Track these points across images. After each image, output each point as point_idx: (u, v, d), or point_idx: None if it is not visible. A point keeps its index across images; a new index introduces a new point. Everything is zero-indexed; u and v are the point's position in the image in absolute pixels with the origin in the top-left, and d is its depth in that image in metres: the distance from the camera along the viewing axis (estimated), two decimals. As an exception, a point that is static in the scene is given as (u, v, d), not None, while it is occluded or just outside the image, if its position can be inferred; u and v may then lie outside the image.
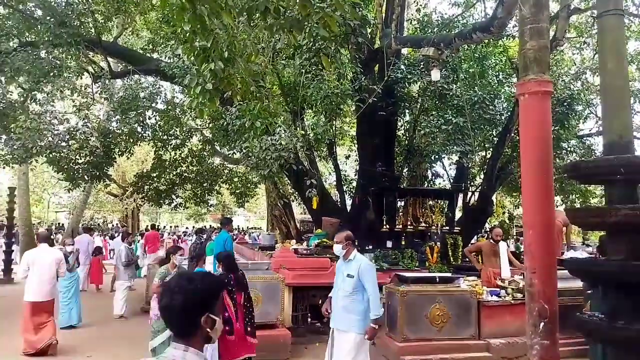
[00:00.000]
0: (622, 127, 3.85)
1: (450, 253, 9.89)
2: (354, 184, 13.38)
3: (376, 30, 11.13)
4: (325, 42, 8.42)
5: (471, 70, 11.33)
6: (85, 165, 11.77)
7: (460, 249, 9.87)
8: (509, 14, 7.22)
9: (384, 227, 10.20)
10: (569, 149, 12.33)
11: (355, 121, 12.14)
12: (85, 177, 12.29)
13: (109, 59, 13.22)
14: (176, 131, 13.46)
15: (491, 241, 7.96)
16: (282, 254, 8.47)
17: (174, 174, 14.78)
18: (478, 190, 12.26)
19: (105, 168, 12.59)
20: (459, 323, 6.33)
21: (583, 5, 12.18)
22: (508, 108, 11.14)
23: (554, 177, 5.18)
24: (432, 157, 12.23)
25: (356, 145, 13.19)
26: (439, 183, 14.38)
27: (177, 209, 18.52)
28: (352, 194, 12.78)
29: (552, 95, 4.64)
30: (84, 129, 11.08)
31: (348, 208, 12.26)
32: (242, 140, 9.05)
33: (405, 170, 13.15)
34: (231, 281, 5.12)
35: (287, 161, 8.72)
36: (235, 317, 5.02)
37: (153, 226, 18.97)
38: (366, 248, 9.12)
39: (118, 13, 11.97)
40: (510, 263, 7.80)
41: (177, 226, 38.20)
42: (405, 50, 12.03)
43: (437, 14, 12.24)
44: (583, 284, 5.77)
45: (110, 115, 12.04)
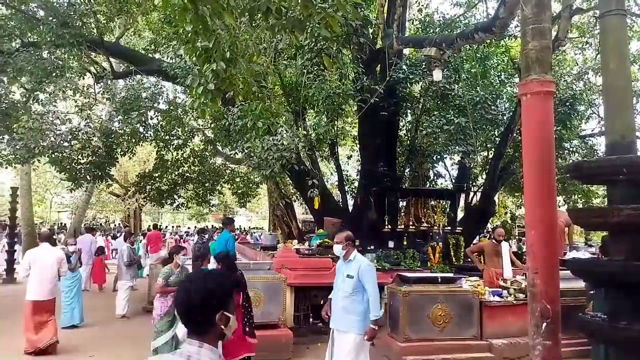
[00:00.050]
0: (625, 127, 3.85)
1: (452, 253, 9.89)
2: (356, 184, 13.36)
3: (378, 30, 11.11)
4: (327, 43, 8.43)
5: (473, 70, 11.32)
6: (87, 165, 11.82)
7: (462, 249, 9.85)
8: (511, 14, 7.20)
9: (386, 227, 10.18)
10: (572, 149, 12.31)
11: (357, 121, 12.15)
12: (87, 177, 12.31)
13: (111, 60, 13.23)
14: (178, 131, 13.47)
15: (493, 241, 7.94)
16: (284, 254, 8.48)
17: (176, 174, 14.78)
18: (480, 190, 12.23)
19: (107, 168, 12.62)
20: (461, 323, 6.33)
21: (585, 5, 12.16)
22: (510, 108, 11.12)
23: (556, 177, 5.17)
24: (434, 157, 12.25)
25: (358, 145, 13.18)
26: (441, 183, 14.36)
27: (179, 209, 18.52)
28: (354, 194, 12.74)
29: (555, 95, 4.63)
30: (86, 129, 11.13)
31: (350, 208, 12.25)
32: (244, 140, 9.04)
33: (407, 170, 13.12)
34: (233, 281, 5.12)
35: (289, 161, 8.73)
36: (234, 317, 5.01)
37: (155, 226, 18.96)
38: (368, 248, 9.12)
39: (120, 13, 11.98)
40: (512, 263, 7.80)
41: (179, 226, 38.28)
42: (407, 50, 12.02)
43: (439, 14, 12.20)
44: (585, 285, 5.76)
45: (112, 115, 12.07)
